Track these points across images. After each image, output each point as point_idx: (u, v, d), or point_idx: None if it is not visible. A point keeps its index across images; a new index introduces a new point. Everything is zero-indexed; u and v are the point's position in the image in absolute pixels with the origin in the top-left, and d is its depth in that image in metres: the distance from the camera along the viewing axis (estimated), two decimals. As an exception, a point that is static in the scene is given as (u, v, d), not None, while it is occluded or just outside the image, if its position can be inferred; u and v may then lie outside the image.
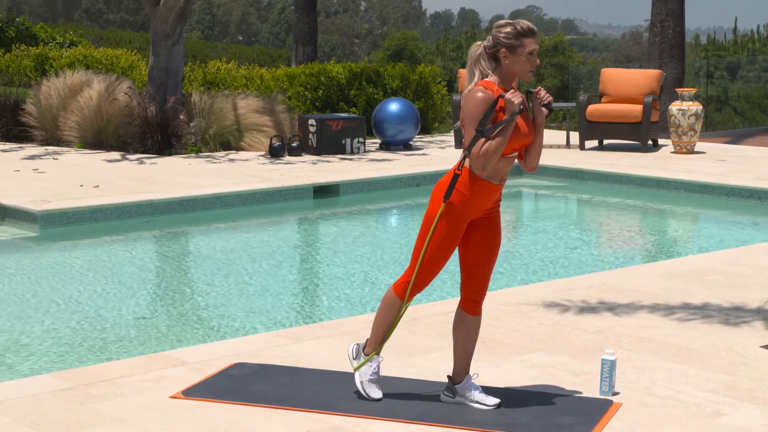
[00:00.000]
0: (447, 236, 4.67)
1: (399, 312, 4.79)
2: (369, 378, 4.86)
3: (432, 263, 4.70)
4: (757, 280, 7.38)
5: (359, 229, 10.66)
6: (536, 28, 4.69)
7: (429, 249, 4.68)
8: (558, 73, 32.64)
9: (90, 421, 4.62)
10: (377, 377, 4.88)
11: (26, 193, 10.67)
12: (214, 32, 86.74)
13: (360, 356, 4.90)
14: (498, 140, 4.56)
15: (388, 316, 4.80)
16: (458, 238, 4.70)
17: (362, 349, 4.91)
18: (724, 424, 4.66)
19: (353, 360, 4.91)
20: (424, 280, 4.74)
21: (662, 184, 12.33)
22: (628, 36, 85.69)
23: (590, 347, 5.75)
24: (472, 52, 4.68)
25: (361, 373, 4.88)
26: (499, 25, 4.65)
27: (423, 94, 17.44)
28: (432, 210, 4.68)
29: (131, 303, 7.50)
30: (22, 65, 23.63)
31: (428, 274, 4.73)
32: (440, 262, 4.72)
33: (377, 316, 4.84)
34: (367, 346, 4.88)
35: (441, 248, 4.68)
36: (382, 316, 4.82)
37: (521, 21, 4.66)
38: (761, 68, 23.84)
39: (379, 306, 4.85)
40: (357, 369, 4.89)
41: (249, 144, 14.61)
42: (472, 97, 4.58)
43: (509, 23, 4.64)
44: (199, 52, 32.71)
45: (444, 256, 4.71)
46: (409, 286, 4.73)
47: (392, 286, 4.80)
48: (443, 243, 4.67)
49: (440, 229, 4.66)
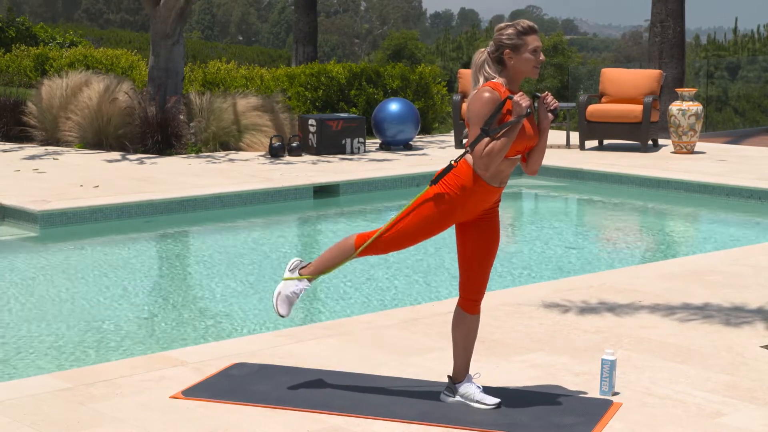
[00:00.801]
0: (427, 221, 4.65)
1: (346, 259, 4.82)
2: (288, 293, 4.90)
3: (399, 236, 4.70)
4: (757, 280, 7.38)
5: (359, 229, 10.66)
6: (536, 26, 4.69)
7: (403, 222, 4.67)
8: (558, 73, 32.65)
9: (90, 421, 4.62)
10: (295, 298, 4.91)
11: (26, 193, 10.67)
12: (214, 32, 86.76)
13: (295, 272, 4.93)
14: (503, 141, 4.56)
15: (337, 257, 4.84)
16: (438, 230, 4.68)
17: (300, 268, 4.94)
18: (724, 424, 4.66)
19: (288, 271, 4.95)
20: (386, 247, 4.74)
21: (662, 184, 12.33)
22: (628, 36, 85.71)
23: (590, 347, 5.75)
24: (476, 59, 4.69)
25: (285, 285, 4.91)
26: (500, 28, 4.67)
27: (423, 94, 17.45)
28: (427, 192, 4.67)
29: (131, 303, 7.50)
30: (22, 65, 23.64)
31: (390, 245, 4.73)
32: (408, 240, 4.71)
33: (329, 249, 4.87)
34: (306, 268, 4.92)
35: (415, 228, 4.66)
36: (332, 252, 4.85)
37: (521, 20, 4.67)
38: (761, 68, 23.85)
39: (336, 243, 4.87)
40: (284, 279, 4.93)
41: (249, 144, 14.62)
42: (479, 97, 4.58)
43: (509, 25, 4.66)
44: (199, 52, 32.72)
45: (413, 237, 4.70)
46: (369, 240, 4.73)
47: (357, 234, 4.82)
48: (419, 225, 4.66)
49: (423, 211, 4.65)
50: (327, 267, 4.88)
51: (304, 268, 4.93)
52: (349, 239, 4.83)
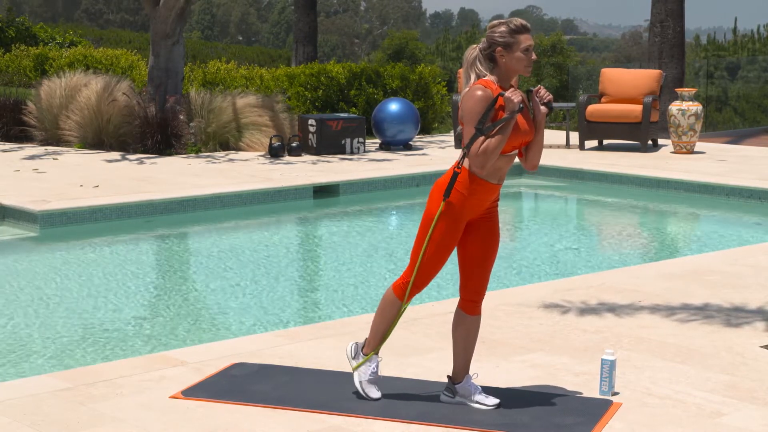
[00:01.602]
0: (446, 236, 4.67)
1: (398, 312, 4.80)
2: (368, 378, 4.87)
3: (431, 263, 4.71)
4: (757, 280, 7.38)
5: (359, 229, 10.66)
6: (529, 24, 4.69)
7: (428, 249, 4.68)
8: (557, 73, 32.63)
9: (90, 421, 4.62)
10: (376, 377, 4.88)
11: (26, 193, 10.67)
12: (214, 32, 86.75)
13: (359, 356, 4.90)
14: (497, 138, 4.57)
15: (388, 316, 4.81)
16: (457, 237, 4.70)
17: (361, 348, 4.91)
18: (724, 424, 4.66)
19: (352, 359, 4.91)
20: (424, 280, 4.74)
21: (662, 184, 12.33)
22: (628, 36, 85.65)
23: (590, 347, 5.75)
24: (468, 55, 4.68)
25: (360, 373, 4.88)
26: (493, 26, 4.67)
27: (423, 94, 17.44)
28: (431, 210, 4.68)
29: (131, 303, 7.50)
30: (22, 65, 23.65)
31: (427, 274, 4.73)
32: (439, 262, 4.72)
33: (376, 315, 4.85)
34: (366, 345, 4.88)
35: (440, 248, 4.68)
36: (381, 316, 4.82)
37: (514, 19, 4.67)
38: (761, 68, 23.85)
39: (379, 306, 4.85)
40: (356, 368, 4.89)
41: (249, 144, 14.61)
42: (472, 96, 4.59)
43: (502, 22, 4.65)
44: (199, 52, 32.72)
45: (443, 256, 4.71)
46: (409, 286, 4.73)
47: (391, 286, 4.81)
48: (442, 242, 4.68)
49: (439, 228, 4.66)
50: (384, 331, 4.83)
51: (364, 348, 4.89)
52: (388, 296, 4.80)
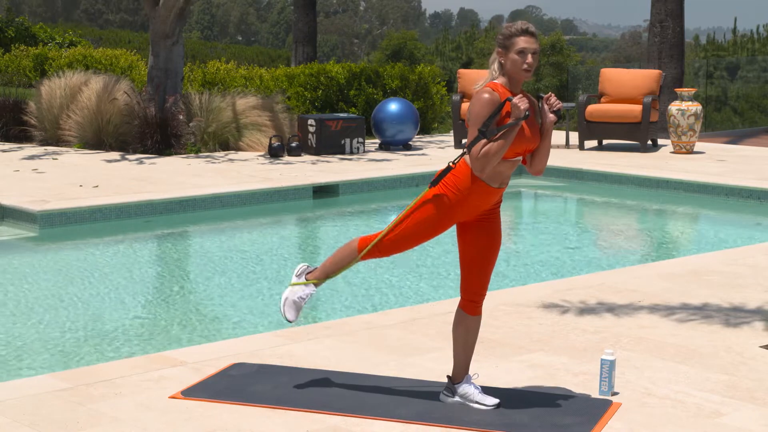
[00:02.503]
0: (427, 223, 4.66)
1: (350, 262, 4.84)
2: (294, 299, 4.91)
3: (401, 239, 4.71)
4: (756, 280, 7.38)
5: (358, 229, 10.66)
6: (535, 29, 4.69)
7: (404, 224, 4.69)
8: (556, 73, 32.65)
9: (89, 421, 4.62)
10: (302, 302, 4.92)
11: (26, 193, 10.67)
12: (214, 32, 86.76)
13: (302, 277, 4.95)
14: (499, 143, 4.56)
15: (341, 261, 4.87)
16: (441, 230, 4.69)
17: (307, 273, 4.95)
18: (723, 424, 4.66)
19: (295, 276, 4.97)
20: (388, 250, 4.76)
21: (661, 184, 12.33)
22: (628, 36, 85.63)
23: (589, 347, 5.75)
24: (493, 56, 4.74)
25: (292, 291, 4.92)
26: (503, 26, 4.70)
27: (422, 94, 17.45)
28: (426, 193, 4.68)
29: (130, 303, 7.50)
30: (22, 65, 23.66)
31: (393, 247, 4.75)
32: (409, 242, 4.73)
33: (334, 253, 4.90)
34: (312, 273, 4.94)
35: (415, 230, 4.68)
36: (336, 257, 4.88)
37: (519, 21, 4.70)
38: (760, 68, 23.85)
39: (340, 247, 4.90)
40: (292, 285, 4.94)
41: (248, 144, 14.61)
42: (479, 98, 4.60)
43: (510, 25, 4.67)
44: (198, 52, 32.73)
45: (415, 239, 4.71)
46: (370, 245, 4.75)
47: (359, 237, 4.84)
48: (420, 226, 4.67)
49: (423, 212, 4.66)
50: (332, 271, 4.90)
51: (310, 273, 4.95)
52: (352, 243, 4.84)
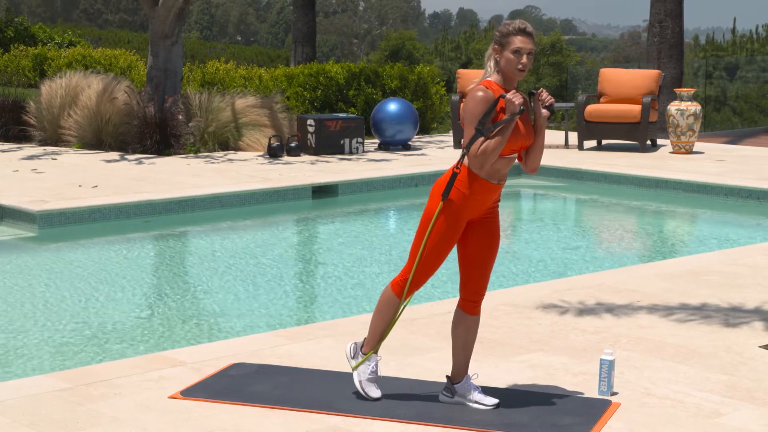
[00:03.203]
0: (445, 234, 4.67)
1: (397, 310, 4.80)
2: (368, 377, 4.87)
3: (429, 261, 4.71)
4: (755, 280, 7.38)
5: (358, 229, 10.66)
6: (532, 29, 4.69)
7: (427, 247, 4.69)
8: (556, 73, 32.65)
9: (89, 421, 4.62)
10: (375, 376, 4.88)
11: (25, 193, 10.67)
12: (213, 32, 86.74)
13: (358, 355, 4.90)
14: (496, 140, 4.57)
15: (386, 314, 4.81)
16: (456, 236, 4.71)
17: (360, 348, 4.91)
18: (723, 424, 4.66)
19: (351, 359, 4.91)
20: (422, 278, 4.75)
21: (661, 184, 12.33)
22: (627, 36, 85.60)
23: (589, 347, 5.76)
24: (488, 52, 4.73)
25: (359, 373, 4.88)
26: (502, 24, 4.70)
27: (421, 95, 17.44)
28: (430, 208, 4.69)
29: (130, 303, 7.50)
30: (21, 65, 23.64)
31: (426, 272, 4.74)
32: (438, 260, 4.73)
33: (375, 314, 4.85)
34: (365, 345, 4.88)
35: (439, 246, 4.69)
36: (379, 314, 4.82)
37: (516, 20, 4.69)
38: (759, 68, 23.86)
39: (377, 304, 4.85)
40: (355, 368, 4.89)
41: (248, 144, 14.61)
42: (473, 97, 4.61)
43: (508, 23, 4.68)
44: (197, 53, 32.72)
45: (442, 254, 4.72)
46: (407, 283, 4.73)
47: (390, 284, 4.81)
48: (441, 241, 4.68)
49: (438, 226, 4.67)
50: (383, 329, 4.83)
51: (363, 347, 4.89)
52: (386, 293, 4.81)
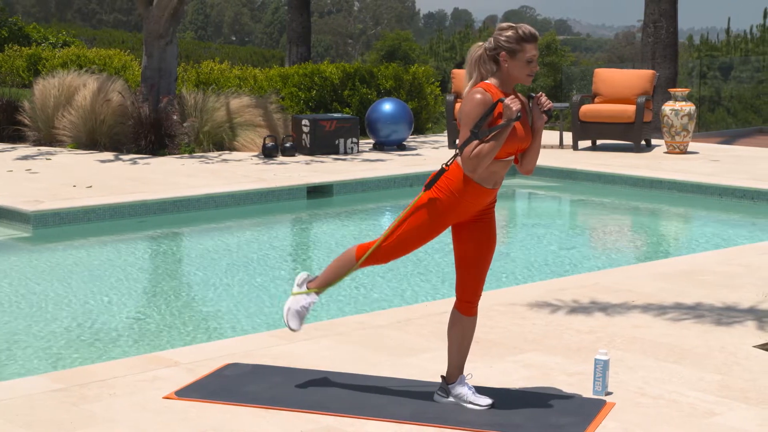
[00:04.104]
0: (423, 226, 4.66)
1: (348, 271, 4.86)
2: (297, 309, 4.92)
3: (398, 244, 4.71)
4: (750, 280, 7.39)
5: (352, 229, 10.66)
6: (538, 33, 4.67)
7: (400, 229, 4.69)
8: (551, 73, 32.67)
9: (83, 421, 4.61)
10: (305, 311, 4.94)
11: (19, 193, 10.66)
12: (208, 32, 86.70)
13: (303, 286, 4.96)
14: (491, 144, 4.55)
15: (340, 270, 4.89)
16: (436, 233, 4.70)
17: (308, 282, 4.97)
18: (717, 423, 4.67)
19: (296, 286, 4.98)
20: (386, 256, 4.77)
21: (655, 184, 12.35)
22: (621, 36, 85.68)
23: (583, 347, 5.76)
24: (473, 52, 4.66)
25: (294, 300, 4.94)
26: (501, 28, 4.63)
27: (416, 95, 17.45)
28: (421, 198, 4.68)
29: (124, 303, 7.50)
30: (15, 65, 23.61)
31: (391, 253, 4.75)
32: (406, 247, 4.73)
33: (333, 262, 4.93)
34: (313, 281, 4.96)
35: (412, 234, 4.68)
36: (336, 264, 4.91)
37: (523, 25, 4.62)
38: (754, 69, 23.89)
39: (341, 255, 4.92)
40: (294, 294, 4.95)
41: (242, 144, 14.61)
42: (471, 99, 4.57)
43: (511, 26, 4.61)
44: (192, 53, 32.71)
45: (412, 244, 4.71)
46: (367, 253, 4.76)
47: (358, 245, 4.85)
48: (416, 231, 4.67)
49: (418, 216, 4.66)
50: (332, 279, 4.92)
51: (311, 282, 4.96)
52: (350, 251, 4.85)
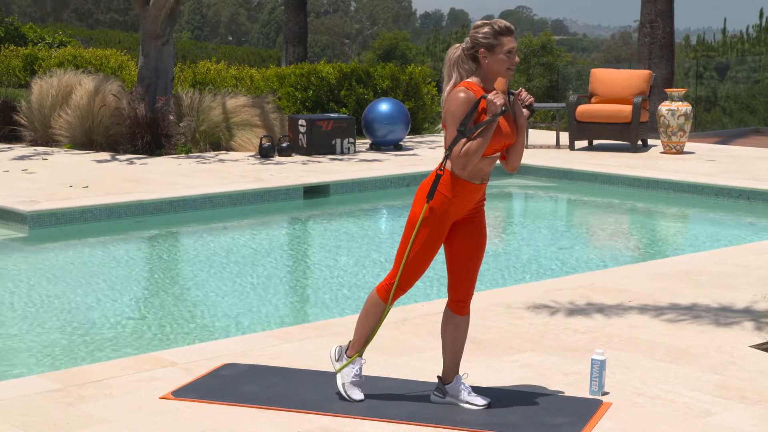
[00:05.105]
0: (430, 237, 4.68)
1: (382, 314, 4.80)
2: (351, 380, 4.86)
3: (415, 265, 4.71)
4: (746, 280, 7.40)
5: (349, 229, 10.66)
6: (513, 27, 4.70)
7: (412, 251, 4.69)
8: (546, 73, 32.68)
9: (79, 422, 4.61)
10: (359, 379, 4.88)
11: (16, 193, 10.65)
12: (204, 32, 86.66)
13: (342, 358, 4.90)
14: (479, 141, 4.57)
15: (372, 318, 4.81)
16: (441, 239, 4.71)
17: (345, 351, 4.91)
18: (713, 423, 4.67)
19: (335, 362, 4.91)
20: (408, 281, 4.75)
21: (652, 184, 12.35)
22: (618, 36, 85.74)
23: (580, 347, 5.76)
24: (450, 54, 4.69)
25: (343, 375, 4.88)
26: (476, 26, 4.67)
27: (413, 95, 17.44)
28: (415, 211, 4.69)
29: (121, 304, 7.49)
30: (11, 65, 23.59)
31: (412, 276, 4.74)
32: (424, 264, 4.73)
33: (360, 317, 4.85)
34: (350, 348, 4.89)
35: (424, 250, 4.69)
36: (365, 318, 4.82)
37: (498, 20, 4.68)
38: (750, 69, 23.90)
39: (363, 308, 4.85)
40: (339, 371, 4.89)
41: (239, 144, 14.60)
42: (455, 98, 4.59)
43: (486, 23, 4.66)
44: (189, 53, 32.68)
45: (427, 258, 4.72)
46: (393, 287, 4.73)
47: (375, 288, 4.81)
48: (426, 244, 4.68)
49: (423, 230, 4.67)
50: (367, 333, 4.84)
51: (348, 350, 4.89)
52: (372, 298, 4.80)
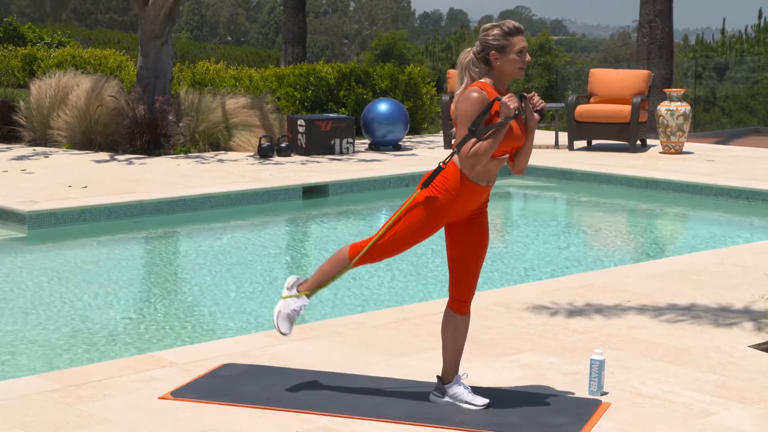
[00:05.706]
0: (418, 225, 4.67)
1: (342, 270, 4.83)
2: (287, 312, 4.90)
3: (392, 243, 4.71)
4: (745, 280, 7.40)
5: (348, 229, 10.66)
6: (522, 26, 4.71)
7: (395, 228, 4.69)
8: (545, 73, 32.68)
9: (78, 422, 4.61)
10: (295, 315, 4.92)
11: (15, 193, 10.65)
12: (203, 32, 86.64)
13: (293, 290, 4.94)
14: (489, 142, 4.58)
15: (333, 270, 4.85)
16: (430, 232, 4.70)
17: (298, 285, 4.94)
18: (712, 423, 4.67)
19: (286, 289, 4.95)
20: (380, 255, 4.76)
21: (651, 184, 12.36)
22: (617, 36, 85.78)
23: (579, 347, 5.76)
24: (462, 59, 4.70)
25: (284, 304, 4.91)
26: (486, 29, 4.68)
27: (412, 95, 17.45)
28: (417, 196, 4.68)
29: (120, 304, 7.49)
30: (10, 65, 23.58)
31: (384, 252, 4.75)
32: (400, 246, 4.73)
33: (325, 263, 4.89)
34: (304, 284, 4.93)
35: (407, 233, 4.68)
36: (328, 265, 4.86)
37: (507, 21, 4.69)
38: (749, 69, 23.90)
39: (331, 256, 4.88)
40: (284, 298, 4.93)
41: (238, 144, 14.61)
42: (468, 97, 4.59)
43: (495, 25, 4.67)
44: (188, 53, 32.67)
45: (406, 242, 4.71)
46: (361, 252, 4.75)
47: (350, 245, 4.83)
48: (411, 229, 4.68)
49: (414, 215, 4.66)
50: (324, 281, 4.88)
51: (301, 285, 4.93)
52: (343, 250, 4.83)
